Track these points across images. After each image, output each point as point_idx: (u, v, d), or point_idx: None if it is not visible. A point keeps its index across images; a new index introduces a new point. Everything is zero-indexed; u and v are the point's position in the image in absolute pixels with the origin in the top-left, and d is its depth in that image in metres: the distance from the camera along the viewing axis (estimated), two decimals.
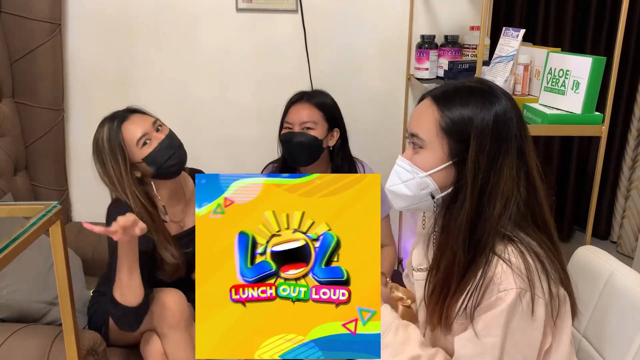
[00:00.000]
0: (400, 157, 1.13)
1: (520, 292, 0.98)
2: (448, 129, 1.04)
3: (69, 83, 2.29)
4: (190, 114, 2.33)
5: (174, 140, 1.66)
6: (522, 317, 0.98)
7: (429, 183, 1.08)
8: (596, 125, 1.41)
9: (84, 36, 2.25)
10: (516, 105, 1.08)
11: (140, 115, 1.66)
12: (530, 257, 1.01)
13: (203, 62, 2.31)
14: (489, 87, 1.08)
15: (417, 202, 1.12)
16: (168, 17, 2.25)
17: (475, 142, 1.02)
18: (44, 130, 2.22)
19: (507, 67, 1.43)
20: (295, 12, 2.26)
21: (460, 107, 1.04)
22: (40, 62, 2.14)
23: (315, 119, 1.82)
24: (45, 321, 1.84)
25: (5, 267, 1.25)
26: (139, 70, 2.30)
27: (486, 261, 1.01)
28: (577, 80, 1.40)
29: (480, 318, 1.01)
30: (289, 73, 2.33)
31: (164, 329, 1.63)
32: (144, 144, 1.61)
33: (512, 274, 0.99)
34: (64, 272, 1.45)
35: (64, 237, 1.42)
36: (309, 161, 1.88)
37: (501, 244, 1.03)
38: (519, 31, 1.41)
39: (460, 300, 1.03)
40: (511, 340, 0.99)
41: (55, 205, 1.44)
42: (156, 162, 1.61)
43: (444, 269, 1.06)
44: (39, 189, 2.28)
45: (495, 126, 1.02)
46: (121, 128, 1.59)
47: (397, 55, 2.33)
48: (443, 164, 1.06)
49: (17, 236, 1.31)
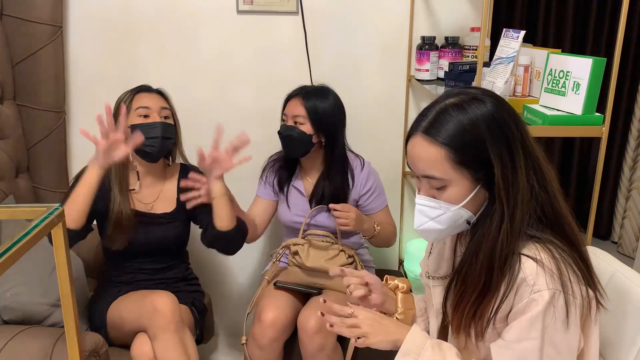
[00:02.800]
0: (420, 196, 1.09)
1: (555, 293, 0.97)
2: (461, 161, 1.02)
3: (70, 85, 2.30)
4: (191, 115, 2.33)
5: (166, 132, 1.79)
6: (557, 318, 0.97)
7: (463, 213, 1.06)
8: (597, 126, 1.41)
9: (85, 38, 2.26)
10: (501, 100, 1.05)
11: (158, 96, 1.84)
12: (558, 255, 1.00)
13: (204, 64, 2.32)
14: (470, 95, 1.05)
15: (452, 231, 1.11)
16: (169, 19, 2.26)
17: (495, 159, 1.00)
18: (46, 132, 2.23)
19: (507, 68, 1.43)
20: (295, 14, 2.27)
21: (459, 133, 1.01)
22: (41, 64, 2.15)
23: (305, 114, 1.92)
24: (49, 323, 1.85)
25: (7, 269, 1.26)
26: (140, 72, 2.30)
27: (513, 263, 1.00)
28: (577, 82, 1.40)
29: (516, 322, 1.00)
30: (289, 75, 2.33)
31: (155, 330, 1.64)
32: (141, 116, 1.77)
33: (544, 274, 0.98)
34: (66, 275, 1.45)
35: (66, 240, 1.43)
36: (299, 154, 1.98)
37: (527, 244, 1.02)
38: (520, 32, 1.41)
39: (492, 305, 1.03)
40: (549, 343, 0.98)
41: (57, 207, 1.45)
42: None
43: (472, 282, 1.05)
44: (41, 191, 2.29)
45: (499, 132, 1.01)
46: (136, 94, 1.81)
47: (397, 57, 2.33)
48: (472, 192, 1.04)
49: (19, 238, 1.31)
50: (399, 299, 1.30)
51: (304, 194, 2.04)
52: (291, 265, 2.00)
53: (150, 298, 1.66)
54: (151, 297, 1.67)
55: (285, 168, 2.07)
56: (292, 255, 1.99)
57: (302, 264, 1.94)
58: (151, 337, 1.64)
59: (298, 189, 2.05)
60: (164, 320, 1.62)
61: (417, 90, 2.36)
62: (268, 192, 2.09)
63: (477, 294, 1.04)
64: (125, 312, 1.72)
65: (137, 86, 1.85)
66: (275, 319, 1.82)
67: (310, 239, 1.98)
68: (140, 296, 1.73)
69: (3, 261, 1.20)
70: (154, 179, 1.89)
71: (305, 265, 1.93)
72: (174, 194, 1.91)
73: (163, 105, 1.82)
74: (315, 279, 1.95)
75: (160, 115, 1.79)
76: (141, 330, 1.67)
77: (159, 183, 1.90)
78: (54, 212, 1.46)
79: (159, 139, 1.76)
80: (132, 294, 1.79)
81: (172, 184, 1.92)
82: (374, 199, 2.05)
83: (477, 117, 1.01)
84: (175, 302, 1.67)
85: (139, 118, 1.78)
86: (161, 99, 1.84)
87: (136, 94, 1.81)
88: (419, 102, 2.40)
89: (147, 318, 1.63)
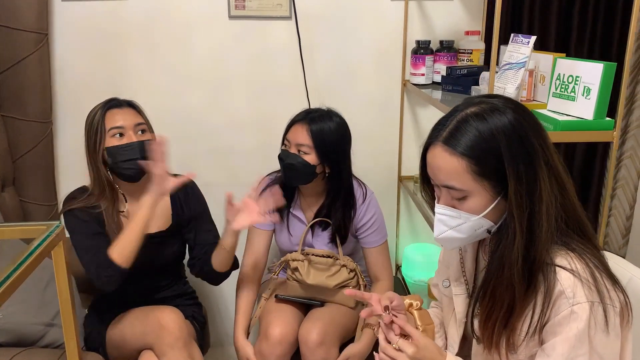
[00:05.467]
0: (440, 205, 1.08)
1: (593, 304, 0.97)
2: (482, 172, 1.01)
3: (57, 95, 2.22)
4: (183, 123, 2.28)
5: (144, 150, 1.67)
6: (599, 329, 0.97)
7: (483, 223, 1.05)
8: (608, 130, 1.42)
9: (72, 46, 2.18)
10: (523, 111, 1.04)
11: (130, 111, 1.72)
12: (591, 263, 1.00)
13: (196, 71, 2.26)
14: (491, 105, 1.04)
15: (472, 239, 1.10)
16: (159, 25, 2.20)
17: (511, 175, 0.99)
18: (32, 144, 2.15)
19: (518, 74, 1.43)
20: (289, 19, 2.23)
21: (480, 145, 1.00)
22: (27, 73, 2.06)
23: (310, 144, 1.78)
24: (44, 343, 1.78)
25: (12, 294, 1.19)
26: (130, 80, 2.24)
27: (547, 275, 1.00)
28: (587, 86, 1.40)
29: (561, 339, 0.99)
30: (283, 81, 2.30)
31: (163, 347, 1.60)
32: (114, 135, 1.66)
33: (582, 286, 0.97)
34: (67, 297, 1.39)
35: (67, 259, 1.37)
36: (300, 183, 1.86)
37: (559, 255, 1.02)
38: (530, 38, 1.41)
39: (524, 318, 1.02)
40: (596, 356, 0.98)
41: (58, 225, 1.38)
42: (114, 157, 1.66)
43: (500, 296, 1.04)
44: (28, 205, 2.20)
45: (520, 146, 0.99)
46: (106, 112, 1.67)
47: (392, 61, 2.32)
48: (492, 203, 1.03)
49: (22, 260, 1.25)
50: (417, 317, 1.27)
51: (305, 222, 1.94)
52: (290, 280, 1.92)
53: (156, 314, 1.61)
54: (156, 314, 1.62)
55: (283, 195, 1.89)
56: (292, 271, 1.90)
57: (302, 281, 1.87)
58: (159, 354, 1.59)
59: (298, 217, 1.94)
60: (172, 337, 1.57)
61: (412, 94, 2.35)
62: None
63: (506, 307, 1.04)
64: (128, 330, 1.67)
65: (106, 102, 1.72)
66: (282, 334, 1.77)
67: (310, 258, 1.88)
68: (144, 313, 1.67)
69: (8, 286, 1.14)
70: (135, 194, 1.77)
71: (306, 282, 1.86)
72: (167, 210, 1.83)
73: (137, 122, 1.70)
74: (316, 294, 1.90)
75: (135, 132, 1.68)
76: (146, 348, 1.62)
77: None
78: (55, 230, 1.40)
79: (137, 160, 1.65)
80: (134, 311, 1.73)
81: (164, 199, 1.81)
82: (372, 233, 1.92)
83: (497, 128, 1.00)
84: (181, 317, 1.64)
85: (114, 139, 1.66)
86: (134, 113, 1.72)
87: (107, 112, 1.68)
88: (413, 107, 2.39)
89: (153, 335, 1.58)
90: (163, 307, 1.68)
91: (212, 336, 2.12)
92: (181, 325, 1.61)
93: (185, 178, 1.67)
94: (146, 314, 1.66)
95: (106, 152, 1.66)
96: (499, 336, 1.05)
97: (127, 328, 1.68)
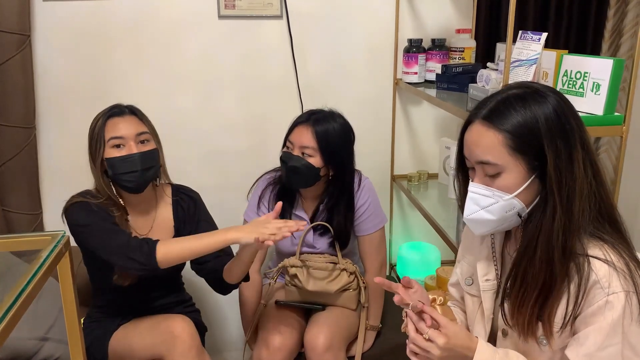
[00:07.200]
0: (473, 183, 1.09)
1: (628, 293, 0.98)
2: (518, 147, 1.02)
3: (40, 99, 2.12)
4: (173, 126, 2.22)
5: (145, 162, 1.59)
6: (634, 319, 0.98)
7: (515, 204, 1.05)
8: (617, 125, 1.44)
9: (56, 48, 2.09)
10: (563, 96, 1.07)
11: (132, 119, 1.63)
12: (625, 255, 1.01)
13: (185, 72, 2.20)
14: (533, 88, 1.07)
15: (501, 224, 1.09)
16: (146, 26, 2.13)
17: (549, 149, 1.00)
18: (15, 150, 2.06)
19: (529, 70, 1.44)
20: (280, 18, 2.20)
21: (519, 120, 1.02)
22: (9, 77, 1.98)
23: (315, 146, 1.75)
24: (39, 358, 1.71)
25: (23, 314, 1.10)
26: (116, 83, 2.16)
27: (581, 265, 1.00)
28: (597, 82, 1.42)
29: (595, 328, 0.99)
30: (275, 80, 2.26)
31: (175, 357, 1.55)
32: (115, 146, 1.58)
33: (617, 275, 0.98)
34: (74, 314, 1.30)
35: (73, 272, 1.29)
36: (303, 186, 1.82)
37: (592, 246, 1.02)
38: (541, 34, 1.42)
39: (560, 307, 1.02)
40: (628, 346, 0.98)
41: (63, 235, 1.31)
42: (114, 168, 1.58)
43: (533, 278, 1.04)
44: (11, 214, 2.11)
45: (559, 124, 1.01)
46: (107, 120, 1.60)
47: (384, 60, 2.31)
48: (526, 182, 1.04)
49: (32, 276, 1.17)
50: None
51: (308, 222, 1.89)
52: (289, 286, 1.89)
53: (167, 324, 1.56)
54: (167, 323, 1.57)
55: (284, 195, 1.87)
56: (291, 277, 1.86)
57: (302, 287, 1.84)
58: None
59: (302, 218, 1.89)
60: (185, 346, 1.52)
61: (404, 93, 2.35)
62: None
63: (539, 290, 1.04)
64: (136, 340, 1.61)
65: (108, 109, 1.63)
66: (283, 342, 1.74)
67: (308, 265, 1.84)
68: (153, 322, 1.62)
69: (19, 307, 1.04)
70: (145, 207, 1.72)
71: (306, 288, 1.83)
72: (170, 221, 1.75)
73: (139, 131, 1.61)
74: (317, 298, 1.87)
75: (136, 142, 1.59)
76: (156, 358, 1.56)
77: (151, 210, 1.74)
78: (61, 240, 1.32)
79: (137, 173, 1.58)
80: (140, 321, 1.67)
81: (166, 210, 1.76)
82: (366, 219, 1.88)
83: (538, 108, 1.03)
84: (192, 326, 1.59)
85: (114, 149, 1.58)
86: (136, 122, 1.63)
87: (107, 120, 1.60)
88: (405, 105, 2.38)
89: (165, 345, 1.53)
90: (173, 316, 1.63)
91: (209, 342, 2.07)
92: (193, 334, 1.57)
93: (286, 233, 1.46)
94: (157, 323, 1.61)
95: (106, 163, 1.59)
96: (534, 322, 1.05)
97: (136, 338, 1.62)
